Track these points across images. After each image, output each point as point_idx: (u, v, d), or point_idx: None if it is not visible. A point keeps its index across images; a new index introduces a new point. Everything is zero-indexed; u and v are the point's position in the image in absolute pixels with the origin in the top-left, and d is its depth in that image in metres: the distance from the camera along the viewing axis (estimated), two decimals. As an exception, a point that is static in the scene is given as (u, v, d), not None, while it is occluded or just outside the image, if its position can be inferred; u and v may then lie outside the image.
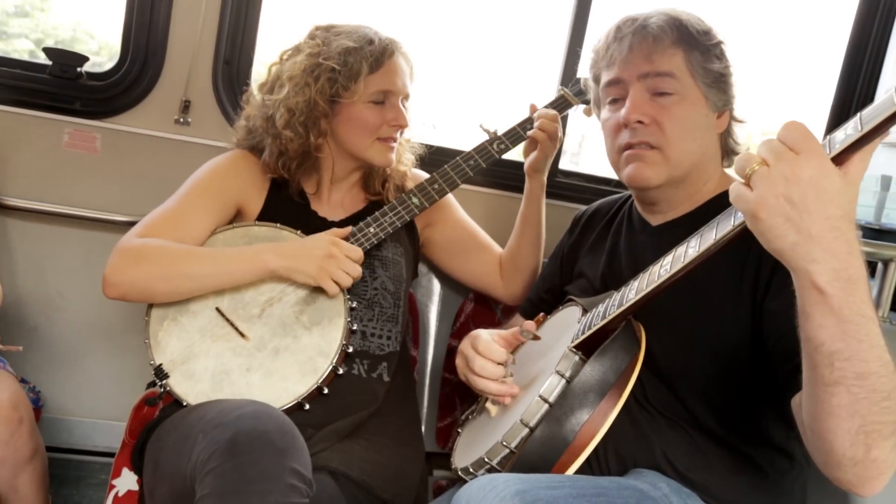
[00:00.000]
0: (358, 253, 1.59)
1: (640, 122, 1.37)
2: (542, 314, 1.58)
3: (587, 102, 1.84)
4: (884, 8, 2.40)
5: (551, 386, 1.23)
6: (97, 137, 2.07)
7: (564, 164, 2.42)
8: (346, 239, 1.62)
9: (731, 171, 1.51)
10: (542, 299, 1.74)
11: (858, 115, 0.88)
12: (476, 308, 2.03)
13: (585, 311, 1.37)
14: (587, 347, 1.26)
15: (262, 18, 2.11)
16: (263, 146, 1.71)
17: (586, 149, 2.86)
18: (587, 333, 1.25)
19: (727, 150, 1.49)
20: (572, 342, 1.27)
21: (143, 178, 2.08)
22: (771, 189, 0.86)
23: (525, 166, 1.82)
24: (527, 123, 1.78)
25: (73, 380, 2.18)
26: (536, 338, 1.38)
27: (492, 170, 2.05)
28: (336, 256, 1.54)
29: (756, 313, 1.26)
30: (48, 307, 2.13)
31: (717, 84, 1.41)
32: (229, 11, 2.05)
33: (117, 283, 1.54)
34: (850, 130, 0.89)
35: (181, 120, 2.08)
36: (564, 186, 2.30)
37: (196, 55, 2.06)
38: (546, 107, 1.82)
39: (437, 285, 2.08)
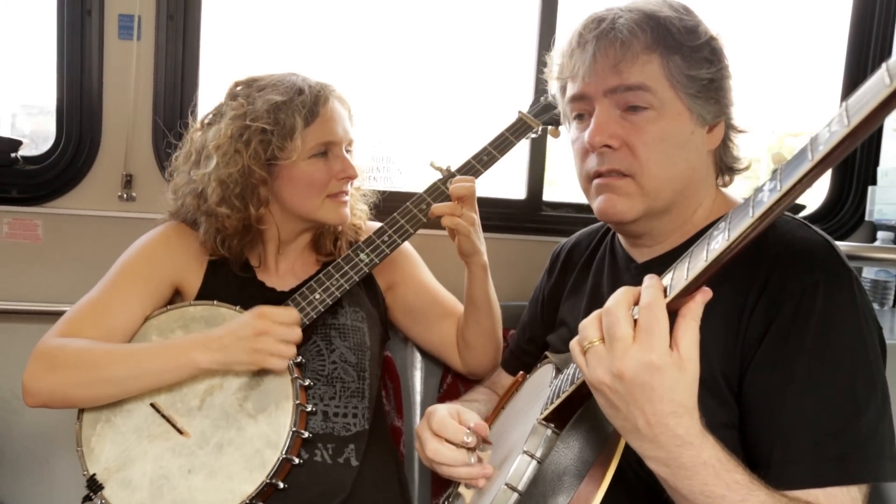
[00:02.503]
0: (291, 315, 1.39)
1: (607, 146, 1.14)
2: (521, 373, 1.37)
3: (551, 123, 1.64)
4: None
5: (520, 470, 1.01)
6: (38, 224, 1.93)
7: (561, 191, 2.22)
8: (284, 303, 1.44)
9: (728, 192, 1.27)
10: (525, 351, 1.52)
11: (844, 104, 0.66)
12: (462, 366, 1.81)
13: (559, 371, 1.15)
14: (562, 416, 1.04)
15: (201, 75, 1.97)
16: (198, 222, 1.53)
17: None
18: (556, 403, 1.03)
19: (724, 167, 1.25)
20: (542, 413, 1.05)
21: (91, 262, 1.92)
22: (599, 376, 0.83)
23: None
24: (482, 155, 1.58)
25: (40, 486, 2.01)
26: (487, 442, 1.18)
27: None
28: (267, 331, 1.34)
29: (742, 372, 1.04)
30: (3, 410, 1.97)
31: (706, 93, 1.15)
32: (163, 73, 1.92)
33: (35, 391, 1.39)
34: (834, 126, 0.67)
35: (125, 196, 1.93)
36: (550, 220, 2.10)
37: (133, 125, 1.92)
38: (504, 133, 1.60)
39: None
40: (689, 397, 0.82)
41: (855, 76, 2.27)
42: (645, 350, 0.79)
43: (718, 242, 0.79)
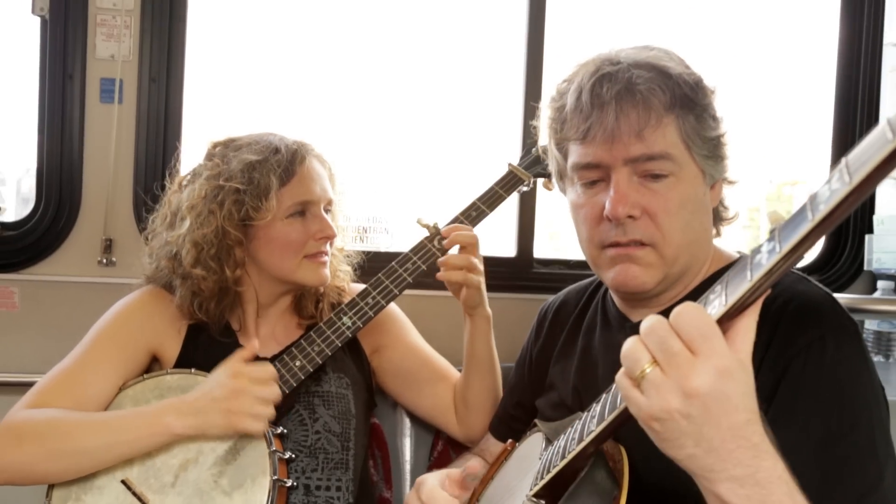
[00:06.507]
0: (267, 372, 1.33)
1: (629, 216, 1.07)
2: (510, 441, 1.29)
3: (543, 175, 1.60)
4: (869, 22, 2.19)
5: (508, 553, 0.94)
6: (15, 292, 1.87)
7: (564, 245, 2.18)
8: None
9: (718, 243, 1.22)
10: (512, 416, 1.45)
11: (844, 160, 0.62)
12: (453, 432, 1.73)
13: (550, 441, 1.08)
14: (554, 493, 0.97)
15: (184, 137, 1.94)
16: (173, 285, 1.48)
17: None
18: (546, 478, 0.96)
19: (717, 219, 1.21)
20: (531, 489, 0.98)
21: (70, 330, 1.83)
22: (664, 402, 0.72)
23: (461, 306, 1.49)
24: (471, 211, 1.54)
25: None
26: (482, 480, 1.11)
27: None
28: (243, 390, 1.28)
29: None
30: (-27, 489, 1.87)
31: (715, 152, 1.11)
32: (145, 135, 1.89)
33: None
34: (835, 184, 0.62)
35: (104, 261, 1.89)
36: (542, 277, 2.04)
37: (113, 189, 1.89)
38: (494, 187, 1.57)
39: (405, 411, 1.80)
40: (755, 401, 0.74)
41: (843, 124, 2.26)
42: (712, 356, 0.71)
43: (715, 307, 0.74)
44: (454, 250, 1.47)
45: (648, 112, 1.05)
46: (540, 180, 1.62)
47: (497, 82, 2.21)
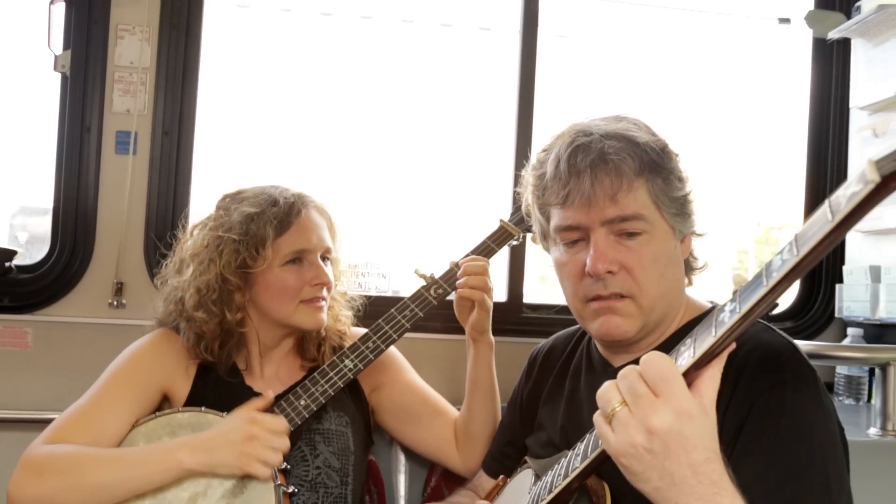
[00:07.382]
0: (282, 424, 1.42)
1: (609, 271, 1.18)
2: (502, 477, 1.39)
3: (531, 230, 1.72)
4: (836, 89, 2.35)
5: (501, 581, 1.03)
6: (28, 332, 1.96)
7: (542, 288, 2.28)
8: (271, 409, 1.47)
9: (689, 292, 1.34)
10: (504, 453, 1.54)
11: (794, 235, 0.74)
12: (446, 469, 1.81)
13: (538, 477, 1.18)
14: (542, 524, 1.06)
15: (193, 187, 2.05)
16: (180, 327, 1.58)
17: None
18: (535, 511, 1.05)
19: (688, 269, 1.32)
20: (521, 521, 1.08)
21: (80, 369, 1.94)
22: (630, 438, 0.83)
23: (467, 330, 1.62)
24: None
25: None
26: None
27: (442, 313, 1.91)
28: (257, 436, 1.37)
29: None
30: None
31: (682, 209, 1.23)
32: (157, 185, 2.01)
33: (20, 500, 1.38)
34: (786, 255, 0.74)
35: (115, 303, 1.98)
36: (531, 322, 2.15)
37: (125, 234, 1.99)
38: (486, 240, 1.69)
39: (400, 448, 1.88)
40: (716, 443, 0.85)
41: (815, 179, 2.41)
42: (671, 399, 0.82)
43: (685, 359, 0.85)
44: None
45: (620, 178, 1.17)
46: (529, 234, 1.74)
47: (490, 141, 2.34)
